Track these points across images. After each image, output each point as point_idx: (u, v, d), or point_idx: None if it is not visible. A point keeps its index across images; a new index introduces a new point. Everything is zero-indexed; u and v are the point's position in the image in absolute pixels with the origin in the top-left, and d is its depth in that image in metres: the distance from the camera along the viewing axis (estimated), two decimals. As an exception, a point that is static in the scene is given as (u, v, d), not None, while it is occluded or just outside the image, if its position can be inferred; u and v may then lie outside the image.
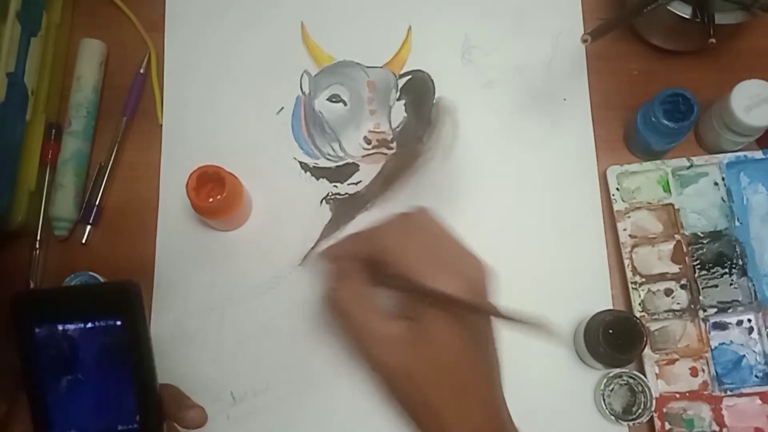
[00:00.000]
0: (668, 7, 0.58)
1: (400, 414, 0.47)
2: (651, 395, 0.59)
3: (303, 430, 0.61)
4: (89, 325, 0.42)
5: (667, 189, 0.64)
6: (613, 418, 0.59)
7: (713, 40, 0.56)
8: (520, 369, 0.61)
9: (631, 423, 0.59)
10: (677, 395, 0.60)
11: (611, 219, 0.64)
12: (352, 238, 0.52)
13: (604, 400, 0.59)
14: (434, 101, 0.67)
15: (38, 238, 0.65)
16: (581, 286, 0.63)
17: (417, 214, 0.51)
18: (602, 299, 0.63)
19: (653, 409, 0.59)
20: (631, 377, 0.60)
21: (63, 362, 0.43)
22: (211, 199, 0.59)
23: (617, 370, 0.60)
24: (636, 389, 0.60)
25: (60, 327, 0.42)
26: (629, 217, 0.63)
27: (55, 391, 0.43)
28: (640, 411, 0.59)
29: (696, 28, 0.58)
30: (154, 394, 0.44)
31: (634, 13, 0.59)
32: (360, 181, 0.66)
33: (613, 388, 0.61)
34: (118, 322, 0.42)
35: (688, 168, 0.64)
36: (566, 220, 0.64)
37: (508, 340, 0.61)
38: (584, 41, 0.55)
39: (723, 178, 0.63)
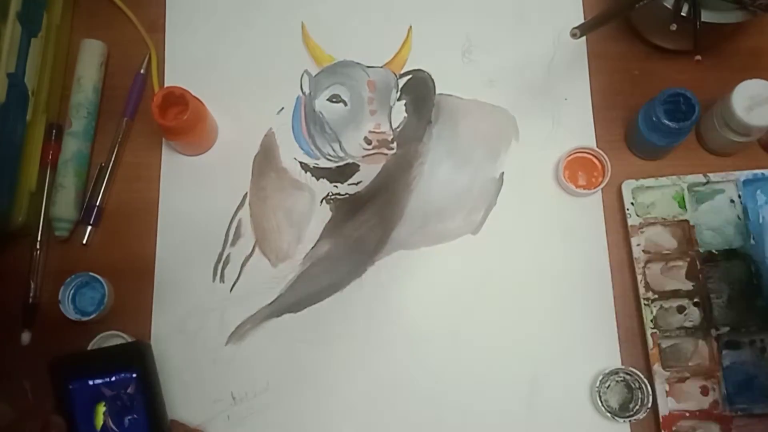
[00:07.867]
0: (668, 6, 0.58)
1: None
2: (648, 392, 0.58)
3: (303, 430, 0.61)
4: (112, 378, 0.55)
5: (682, 205, 0.63)
6: (609, 415, 0.59)
7: (699, 57, 0.55)
8: (517, 367, 0.62)
9: (627, 420, 0.59)
10: (687, 414, 0.59)
11: (625, 233, 0.63)
12: None
13: (600, 396, 0.59)
14: (435, 101, 0.67)
15: (39, 238, 0.65)
16: (582, 284, 0.63)
17: None
18: (604, 298, 0.63)
19: (650, 405, 0.58)
20: (627, 374, 0.60)
21: (92, 408, 0.55)
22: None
23: (614, 367, 0.60)
24: (633, 386, 0.60)
25: (90, 381, 0.55)
26: (643, 232, 0.62)
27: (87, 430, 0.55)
28: (637, 408, 0.59)
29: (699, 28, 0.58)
30: (166, 430, 0.56)
31: (625, 8, 0.58)
32: (360, 182, 0.66)
33: (609, 385, 0.60)
34: (134, 374, 0.55)
35: (705, 184, 0.63)
36: (567, 220, 0.64)
37: (509, 341, 0.62)
38: (573, 35, 0.54)
39: (739, 196, 0.63)
